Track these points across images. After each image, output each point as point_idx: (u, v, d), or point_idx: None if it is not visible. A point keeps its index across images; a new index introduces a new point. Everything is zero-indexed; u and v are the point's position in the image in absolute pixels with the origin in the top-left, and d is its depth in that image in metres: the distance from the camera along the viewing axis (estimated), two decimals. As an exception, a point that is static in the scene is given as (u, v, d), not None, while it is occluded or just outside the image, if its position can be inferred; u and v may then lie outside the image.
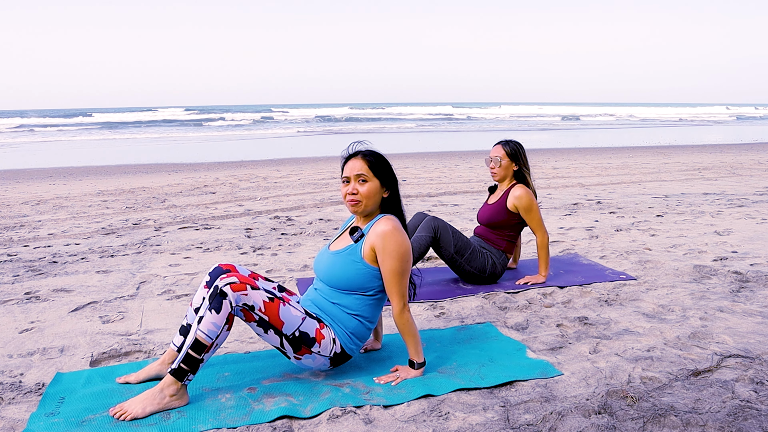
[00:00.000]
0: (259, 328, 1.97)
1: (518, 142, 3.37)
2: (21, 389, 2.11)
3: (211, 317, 1.89)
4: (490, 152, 3.39)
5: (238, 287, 1.91)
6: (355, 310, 2.12)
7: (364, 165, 2.10)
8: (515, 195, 3.28)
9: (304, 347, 2.02)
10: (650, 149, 14.00)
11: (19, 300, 3.15)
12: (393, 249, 2.04)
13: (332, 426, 1.82)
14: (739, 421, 1.80)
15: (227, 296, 1.89)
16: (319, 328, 2.05)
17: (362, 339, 2.16)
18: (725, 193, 6.68)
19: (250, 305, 1.92)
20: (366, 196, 2.10)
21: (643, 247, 4.10)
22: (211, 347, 1.91)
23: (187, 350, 1.90)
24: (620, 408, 1.89)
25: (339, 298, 2.12)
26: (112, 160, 12.76)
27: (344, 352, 2.11)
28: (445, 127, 26.50)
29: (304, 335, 2.01)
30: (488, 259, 3.26)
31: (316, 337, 2.03)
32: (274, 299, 1.98)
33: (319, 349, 2.04)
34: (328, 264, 2.15)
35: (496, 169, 3.34)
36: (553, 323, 2.71)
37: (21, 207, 6.53)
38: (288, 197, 6.94)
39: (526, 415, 1.87)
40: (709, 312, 2.79)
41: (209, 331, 1.89)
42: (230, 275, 1.94)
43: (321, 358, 2.06)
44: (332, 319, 2.11)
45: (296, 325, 2.00)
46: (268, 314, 1.95)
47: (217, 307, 1.89)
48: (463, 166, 10.29)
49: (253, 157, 13.09)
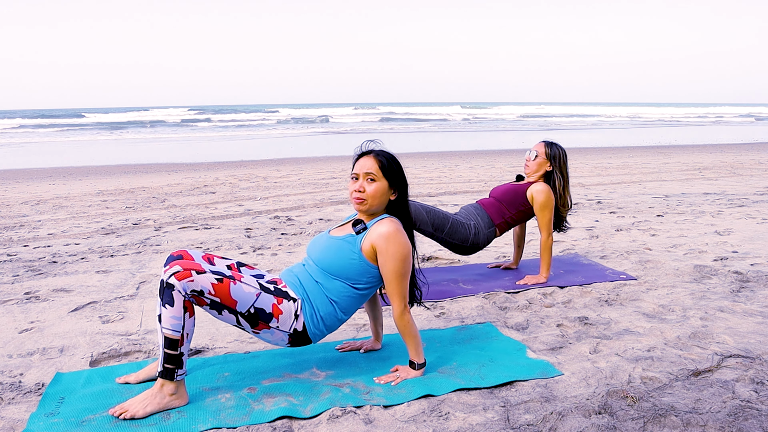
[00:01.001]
0: (213, 310, 1.94)
1: (562, 148, 3.34)
2: (21, 389, 2.11)
3: (168, 312, 1.87)
4: (533, 147, 3.38)
5: (183, 275, 1.87)
6: (335, 296, 2.08)
7: (374, 164, 2.09)
8: (537, 188, 3.27)
9: (261, 323, 1.98)
10: (650, 149, 14.00)
11: (18, 300, 3.15)
12: (395, 251, 2.04)
13: (332, 426, 1.82)
14: (739, 422, 1.80)
15: (175, 287, 1.86)
16: (276, 303, 2.00)
17: (329, 327, 2.10)
18: (726, 193, 6.67)
19: (198, 290, 1.88)
20: (372, 196, 2.09)
21: (643, 247, 4.09)
22: (183, 339, 1.89)
23: (163, 350, 1.90)
24: (620, 408, 1.89)
25: (324, 280, 2.08)
26: (111, 159, 12.76)
27: (305, 332, 2.05)
28: (444, 127, 26.51)
29: (260, 311, 1.97)
30: (471, 230, 3.22)
31: (273, 312, 1.98)
32: (223, 279, 1.93)
33: (278, 324, 2.00)
34: (324, 246, 2.12)
35: (530, 162, 3.33)
36: (553, 323, 2.71)
37: (21, 207, 6.53)
38: (288, 197, 6.94)
39: (526, 415, 1.87)
40: (710, 312, 2.78)
41: (173, 326, 1.88)
42: (173, 264, 1.90)
43: (280, 333, 2.02)
44: (308, 295, 2.07)
45: (250, 302, 1.95)
46: (218, 296, 1.91)
47: (170, 301, 1.87)
48: (463, 165, 10.29)
49: (252, 156, 13.09)
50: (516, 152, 13.00)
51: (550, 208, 3.26)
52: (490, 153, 13.07)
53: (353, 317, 2.86)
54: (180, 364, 1.92)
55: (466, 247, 3.25)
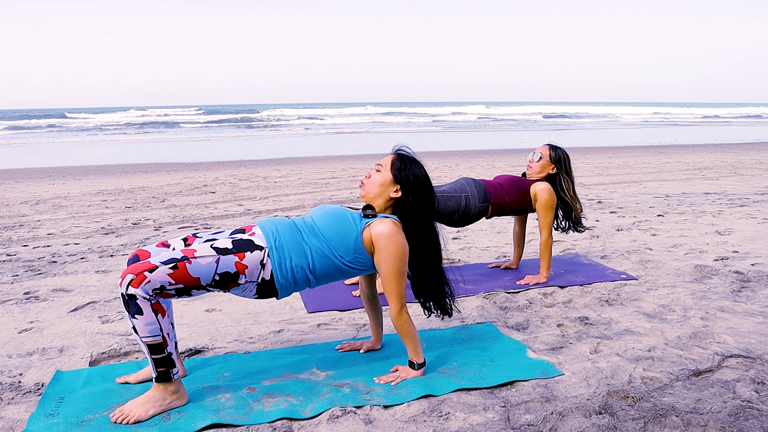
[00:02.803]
0: (183, 296, 1.91)
1: (565, 151, 3.35)
2: (20, 389, 2.10)
3: (140, 321, 1.83)
4: (537, 149, 3.39)
5: (138, 281, 1.81)
6: (315, 253, 2.03)
7: (390, 159, 2.15)
8: (541, 187, 3.27)
9: (230, 284, 1.95)
10: (651, 149, 13.99)
11: (18, 300, 3.15)
12: (394, 250, 2.03)
13: (332, 426, 1.82)
14: (740, 422, 1.79)
15: (136, 296, 1.81)
16: (238, 260, 1.94)
17: (296, 282, 2.03)
18: (726, 193, 6.67)
19: (158, 287, 1.84)
20: (372, 183, 2.13)
21: (644, 247, 4.09)
22: (165, 339, 1.87)
23: (151, 358, 1.87)
24: (621, 408, 1.88)
25: (313, 236, 2.04)
26: (111, 159, 12.76)
27: (273, 282, 1.99)
28: (444, 127, 26.50)
29: (224, 275, 1.92)
30: (461, 201, 3.18)
31: (237, 270, 1.94)
32: (177, 264, 1.87)
33: (246, 279, 1.96)
34: (331, 210, 2.11)
35: (534, 164, 3.34)
36: (553, 323, 2.71)
37: (20, 207, 6.52)
38: (288, 197, 6.94)
39: (526, 416, 1.86)
40: (710, 312, 2.78)
41: (151, 332, 1.84)
42: (124, 274, 1.84)
43: (249, 285, 1.98)
44: (283, 243, 2.00)
45: (212, 271, 1.90)
46: (180, 282, 1.86)
47: (138, 310, 1.82)
48: (463, 165, 10.28)
49: (252, 156, 13.08)
50: (516, 152, 12.99)
51: (552, 208, 3.26)
52: (491, 152, 13.06)
53: (352, 317, 2.85)
54: (172, 364, 1.90)
55: (455, 220, 3.22)
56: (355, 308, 2.96)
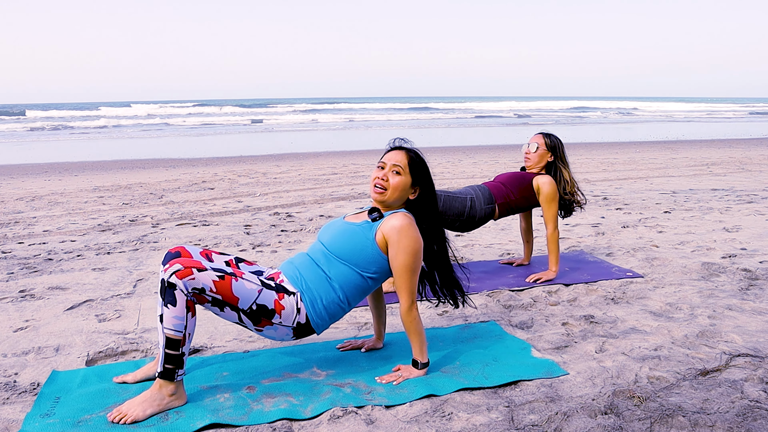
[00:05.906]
0: (215, 307, 1.91)
1: (558, 138, 3.38)
2: (15, 389, 2.07)
3: (170, 312, 1.84)
4: (529, 140, 3.38)
5: (184, 273, 1.83)
6: (341, 282, 2.05)
7: (404, 158, 2.10)
8: (543, 180, 3.27)
9: (263, 319, 1.96)
10: (657, 144, 13.95)
11: (13, 298, 3.11)
12: (407, 245, 2.01)
13: (333, 426, 1.79)
14: (748, 422, 1.76)
15: (176, 286, 1.82)
16: (278, 299, 1.98)
17: (332, 316, 2.07)
18: (734, 189, 6.62)
19: (199, 288, 1.85)
20: (394, 188, 2.09)
21: (650, 244, 4.05)
22: (184, 339, 1.86)
23: (164, 351, 1.86)
24: (627, 408, 1.86)
25: (331, 265, 2.06)
26: (108, 155, 12.72)
27: (309, 324, 2.03)
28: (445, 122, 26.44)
29: (262, 308, 1.94)
30: (466, 203, 3.18)
31: (275, 308, 1.96)
32: (225, 276, 1.90)
33: (280, 320, 1.98)
34: (339, 230, 2.10)
35: (531, 155, 3.33)
36: (558, 322, 2.67)
37: (15, 203, 6.49)
38: (288, 193, 6.90)
39: (530, 416, 1.83)
40: (718, 310, 2.74)
41: (175, 326, 1.84)
42: (174, 263, 1.86)
43: (283, 329, 2.00)
44: (309, 285, 2.04)
45: (252, 299, 1.93)
46: (220, 293, 1.88)
47: (172, 301, 1.83)
48: (466, 161, 10.25)
49: (252, 152, 13.04)
50: (516, 148, 12.95)
51: (555, 200, 3.26)
52: (494, 149, 13.02)
53: (354, 316, 2.82)
54: (180, 364, 1.88)
55: (463, 222, 3.20)
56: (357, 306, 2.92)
